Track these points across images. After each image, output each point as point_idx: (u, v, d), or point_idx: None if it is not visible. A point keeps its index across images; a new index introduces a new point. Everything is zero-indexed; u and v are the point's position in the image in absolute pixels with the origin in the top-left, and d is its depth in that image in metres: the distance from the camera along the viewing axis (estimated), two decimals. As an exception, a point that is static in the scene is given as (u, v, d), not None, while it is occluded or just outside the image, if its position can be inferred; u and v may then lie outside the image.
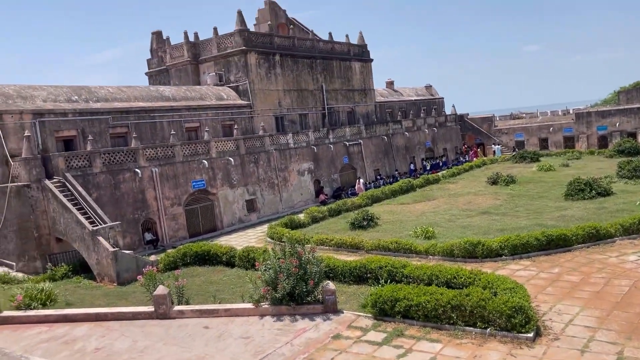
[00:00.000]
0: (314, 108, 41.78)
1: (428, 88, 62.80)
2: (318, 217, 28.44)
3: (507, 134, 56.95)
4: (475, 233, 21.29)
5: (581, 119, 52.43)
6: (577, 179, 28.06)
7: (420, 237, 21.53)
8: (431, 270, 14.93)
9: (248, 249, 20.02)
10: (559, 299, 13.57)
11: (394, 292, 13.12)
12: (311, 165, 36.75)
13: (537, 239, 17.80)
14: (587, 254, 17.32)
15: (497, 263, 17.38)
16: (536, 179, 35.91)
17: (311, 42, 42.62)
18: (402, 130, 48.05)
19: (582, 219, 21.69)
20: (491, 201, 29.06)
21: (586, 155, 47.94)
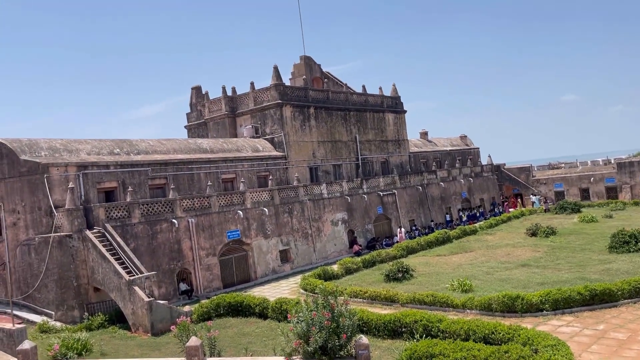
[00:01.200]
0: (347, 159, 42.15)
1: (463, 138, 62.61)
2: (352, 268, 28.15)
3: (545, 184, 55.77)
4: (514, 286, 20.63)
5: (623, 169, 50.99)
6: (621, 231, 27.05)
7: (457, 291, 20.99)
8: (468, 325, 14.48)
9: (281, 301, 19.90)
10: (604, 358, 12.86)
11: (430, 348, 12.72)
12: (345, 215, 36.71)
13: (580, 293, 17.10)
14: (635, 310, 16.48)
15: (537, 318, 16.70)
16: (578, 230, 34.80)
17: (345, 94, 43.51)
18: (437, 181, 47.73)
19: (628, 273, 20.78)
20: (531, 253, 28.22)
21: (630, 206, 46.32)
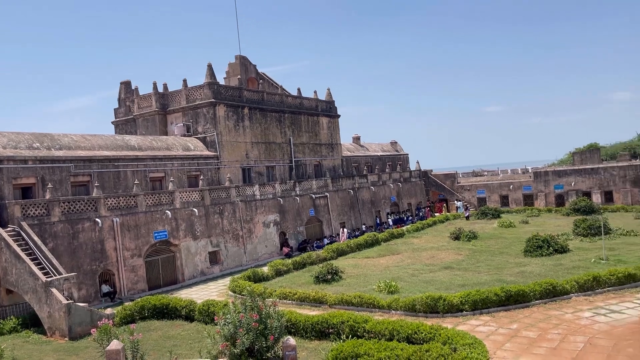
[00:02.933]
0: (281, 160, 42.17)
1: (393, 144, 64.37)
2: (282, 270, 28.19)
3: (469, 190, 58.40)
4: (437, 288, 21.44)
5: (539, 178, 54.38)
6: (535, 236, 28.82)
7: (383, 292, 21.54)
8: (393, 325, 14.92)
9: (208, 303, 19.60)
10: (517, 355, 13.68)
11: (355, 348, 13.00)
12: (277, 217, 36.70)
13: (496, 294, 18.06)
14: (545, 310, 17.63)
15: (458, 318, 17.47)
16: (497, 235, 36.71)
17: (280, 96, 43.54)
18: (368, 185, 48.77)
19: (540, 275, 22.19)
20: (453, 256, 29.45)
21: (544, 212, 49.45)
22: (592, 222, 32.89)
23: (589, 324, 15.85)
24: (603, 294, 19.05)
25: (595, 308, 17.42)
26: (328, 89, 50.82)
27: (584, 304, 17.98)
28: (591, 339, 14.44)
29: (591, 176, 51.69)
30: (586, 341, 14.31)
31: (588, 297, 18.73)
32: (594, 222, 32.71)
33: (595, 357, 13.11)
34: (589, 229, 32.51)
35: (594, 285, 19.27)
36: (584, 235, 32.28)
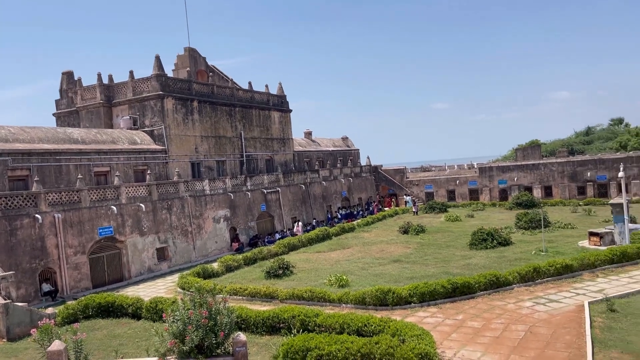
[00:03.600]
0: (232, 155, 41.67)
1: (344, 139, 64.86)
2: (233, 266, 27.91)
3: (417, 185, 59.67)
4: (386, 281, 21.82)
5: (484, 173, 56.22)
6: (480, 230, 29.81)
7: (334, 286, 21.72)
8: (343, 318, 15.06)
9: (156, 300, 19.16)
10: (462, 345, 14.11)
11: (306, 342, 13.03)
12: (227, 212, 36.26)
13: (443, 286, 18.55)
14: (489, 301, 18.27)
15: (406, 310, 17.84)
16: (444, 228, 37.72)
17: (230, 90, 42.96)
18: (320, 180, 48.94)
19: (484, 267, 22.96)
20: (402, 250, 30.04)
21: (489, 207, 51.20)
22: (533, 216, 34.32)
23: (529, 313, 16.55)
24: (543, 284, 19.94)
25: (535, 298, 18.19)
26: (279, 83, 50.59)
27: (525, 294, 18.75)
28: (532, 328, 15.08)
29: (532, 172, 53.92)
30: (527, 330, 14.94)
31: (529, 288, 19.55)
32: (535, 215, 34.16)
33: (535, 345, 13.70)
34: (530, 222, 33.92)
35: (535, 276, 20.13)
36: (526, 229, 33.67)
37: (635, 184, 48.73)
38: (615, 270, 21.18)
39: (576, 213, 41.41)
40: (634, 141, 70.28)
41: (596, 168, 50.87)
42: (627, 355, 12.56)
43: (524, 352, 13.24)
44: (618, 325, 14.76)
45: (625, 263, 21.89)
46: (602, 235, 26.26)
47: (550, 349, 13.35)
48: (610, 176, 49.57)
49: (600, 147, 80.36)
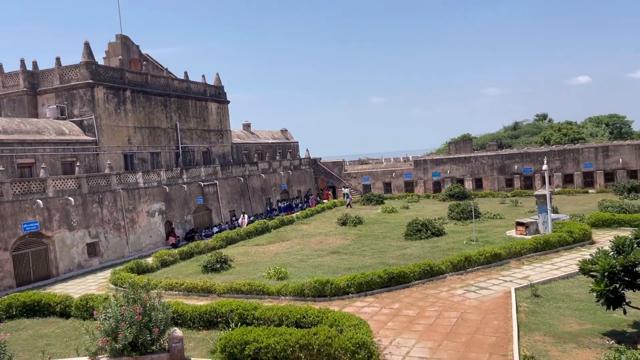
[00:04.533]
0: (167, 147, 40.53)
1: (284, 132, 64.69)
2: (168, 260, 27.26)
3: (355, 177, 60.55)
4: (325, 272, 22.04)
5: (419, 166, 57.85)
6: (415, 220, 30.68)
7: (273, 278, 21.70)
8: (282, 310, 15.09)
9: (87, 297, 18.41)
10: (398, 333, 14.51)
11: (244, 335, 12.96)
12: (162, 205, 35.28)
13: (380, 276, 18.97)
14: (423, 290, 18.88)
15: (344, 301, 18.11)
16: (381, 220, 38.52)
17: (165, 79, 41.70)
18: (258, 172, 48.59)
19: (419, 257, 23.68)
20: (340, 241, 30.43)
21: (423, 198, 52.80)
22: (464, 207, 35.71)
23: (461, 300, 17.25)
24: (473, 272, 20.82)
25: (466, 286, 18.97)
26: (217, 74, 49.67)
27: (457, 283, 19.52)
28: (463, 314, 15.72)
29: (464, 164, 56.03)
30: (459, 316, 15.56)
31: (461, 276, 20.36)
32: (466, 206, 35.56)
33: (466, 331, 14.30)
34: (461, 213, 35.28)
35: (466, 265, 20.98)
36: (458, 219, 34.99)
37: (557, 177, 51.78)
38: (539, 258, 22.46)
39: (504, 204, 43.47)
40: (556, 136, 74.56)
41: (522, 161, 53.59)
42: (549, 337, 13.36)
43: (456, 338, 13.79)
44: (541, 310, 15.67)
45: (548, 251, 23.26)
46: (528, 225, 27.72)
47: (479, 334, 13.99)
48: (535, 169, 52.38)
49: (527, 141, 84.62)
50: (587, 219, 29.21)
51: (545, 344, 12.95)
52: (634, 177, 48.98)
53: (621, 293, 12.71)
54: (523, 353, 12.07)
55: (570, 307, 15.80)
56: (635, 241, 13.02)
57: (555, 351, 12.44)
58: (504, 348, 12.82)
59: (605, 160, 51.00)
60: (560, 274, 19.64)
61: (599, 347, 12.46)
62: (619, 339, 12.85)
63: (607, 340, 12.91)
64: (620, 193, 43.29)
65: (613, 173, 50.48)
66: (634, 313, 13.41)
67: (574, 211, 34.26)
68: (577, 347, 12.59)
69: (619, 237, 13.23)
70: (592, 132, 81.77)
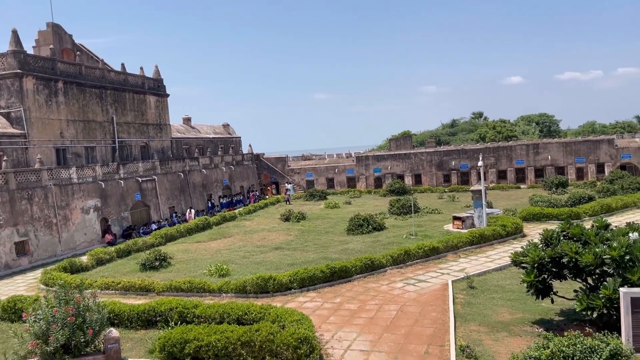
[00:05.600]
0: (102, 141, 39.00)
1: (226, 127, 63.77)
2: (104, 259, 26.29)
3: (299, 173, 60.63)
4: (267, 268, 21.96)
5: (361, 162, 58.67)
6: (357, 216, 31.09)
7: (214, 276, 21.39)
8: (223, 308, 14.88)
9: (15, 299, 17.44)
10: (340, 327, 14.67)
11: (184, 334, 12.69)
12: (98, 202, 33.93)
13: (322, 271, 19.10)
14: (364, 283, 19.18)
15: (287, 296, 18.11)
16: (324, 215, 38.78)
17: (101, 71, 40.08)
18: (200, 168, 47.66)
19: (360, 252, 24.02)
20: (283, 237, 30.39)
21: (365, 194, 53.62)
22: (404, 202, 36.57)
23: (400, 293, 17.65)
24: (413, 265, 21.37)
25: (406, 279, 19.45)
26: (156, 66, 48.25)
27: (397, 276, 19.96)
28: (403, 307, 16.10)
29: (404, 161, 57.35)
30: (398, 309, 15.92)
31: (400, 270, 20.84)
32: (406, 202, 36.42)
33: (405, 323, 14.66)
34: (401, 208, 36.10)
35: (405, 259, 21.50)
36: (398, 214, 35.79)
37: (492, 173, 53.97)
38: (475, 251, 23.35)
39: (442, 199, 44.86)
40: (491, 133, 77.69)
41: (459, 158, 55.47)
42: (483, 327, 13.92)
43: (395, 330, 14.11)
44: (476, 301, 16.30)
45: (482, 244, 24.22)
46: (464, 219, 28.74)
47: (418, 325, 14.37)
48: (472, 165, 54.37)
49: (463, 138, 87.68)
50: (519, 213, 30.62)
51: (479, 333, 13.49)
52: (561, 173, 51.87)
53: (549, 283, 13.44)
54: (459, 343, 12.52)
55: (503, 297, 16.53)
56: (562, 234, 13.77)
57: (488, 340, 12.98)
58: (441, 338, 13.24)
59: (535, 157, 53.66)
60: (494, 266, 20.50)
61: (528, 335, 13.10)
62: (547, 326, 13.57)
63: (536, 328, 13.60)
64: (549, 188, 45.70)
65: (543, 169, 53.23)
66: (560, 302, 14.20)
67: (507, 206, 35.84)
68: (509, 336, 13.19)
69: (547, 230, 13.95)
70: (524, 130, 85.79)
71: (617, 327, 10.91)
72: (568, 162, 52.82)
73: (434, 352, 12.48)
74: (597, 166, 52.15)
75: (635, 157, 51.64)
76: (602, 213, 30.21)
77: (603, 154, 52.23)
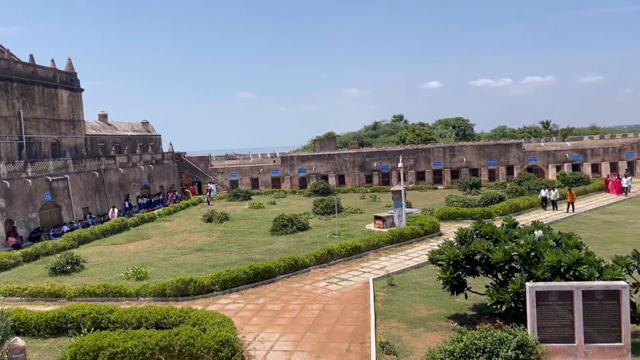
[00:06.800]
0: (7, 137, 36.26)
1: (145, 124, 61.46)
2: (8, 263, 24.49)
3: (222, 173, 59.64)
4: (188, 271, 21.40)
5: (286, 162, 58.72)
6: (281, 216, 31.07)
7: (131, 279, 20.56)
8: (141, 312, 14.32)
9: None
10: (262, 328, 14.57)
11: (98, 341, 12.04)
12: (2, 202, 31.47)
13: (245, 272, 18.89)
14: (288, 284, 19.18)
15: (208, 299, 17.73)
16: (247, 216, 38.41)
17: (7, 62, 37.25)
18: (116, 166, 45.55)
19: (284, 252, 24.02)
20: (206, 238, 29.76)
21: (290, 194, 53.72)
22: (328, 202, 37.01)
23: (323, 292, 17.83)
24: (335, 264, 21.66)
25: (329, 278, 19.67)
26: (69, 59, 45.55)
27: (320, 275, 20.15)
28: (325, 306, 16.27)
29: (328, 161, 58.07)
30: (321, 308, 16.07)
31: (324, 269, 21.05)
32: (330, 202, 36.88)
33: (328, 322, 14.81)
34: (325, 208, 36.52)
35: (329, 258, 21.75)
36: (322, 214, 36.16)
37: (411, 174, 55.91)
38: (395, 250, 24.07)
39: (364, 199, 45.88)
40: (410, 136, 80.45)
41: (381, 159, 57.01)
42: (402, 324, 14.36)
43: (318, 329, 14.22)
44: (396, 298, 16.79)
45: (402, 243, 25.02)
46: (385, 218, 29.54)
47: (340, 324, 14.58)
48: (392, 166, 56.01)
49: (385, 140, 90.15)
50: (436, 213, 31.94)
51: (399, 329, 13.90)
52: (475, 175, 54.72)
53: (463, 279, 14.11)
54: (379, 340, 12.83)
55: (421, 294, 17.15)
56: (475, 232, 14.50)
57: (407, 336, 13.41)
58: (362, 336, 13.51)
59: (451, 160, 56.23)
60: (413, 263, 21.23)
61: (444, 330, 13.68)
62: (461, 321, 14.24)
63: (452, 323, 14.23)
64: (464, 189, 48.07)
65: (458, 171, 55.88)
66: (473, 297, 14.95)
67: (425, 206, 37.27)
68: (426, 331, 13.70)
69: (461, 229, 14.64)
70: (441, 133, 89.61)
71: (524, 320, 11.64)
72: (481, 164, 55.81)
73: (355, 349, 12.71)
74: (507, 168, 55.54)
75: (541, 160, 55.56)
76: (511, 212, 32.23)
77: (512, 157, 55.70)
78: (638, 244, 22.10)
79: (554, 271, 12.14)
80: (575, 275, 11.92)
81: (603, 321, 11.03)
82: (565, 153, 55.32)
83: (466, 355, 10.63)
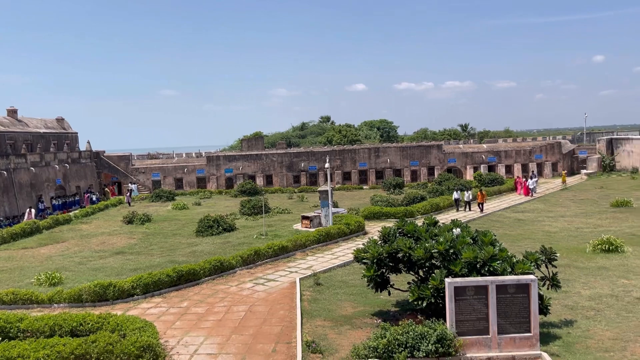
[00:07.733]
0: None
1: (60, 121, 58.05)
2: None
3: (144, 173, 57.54)
4: (107, 275, 20.48)
5: (212, 162, 57.63)
6: (207, 217, 30.46)
7: (44, 285, 19.36)
8: (54, 320, 13.50)
9: None
10: (186, 332, 14.20)
11: (6, 352, 11.24)
12: None
13: (168, 275, 18.33)
14: (213, 286, 18.83)
15: (129, 304, 17.04)
16: (171, 217, 37.32)
17: None
18: (28, 165, 42.68)
19: (209, 254, 23.56)
20: (126, 241, 28.60)
21: (216, 194, 52.78)
22: (255, 203, 36.73)
23: (250, 293, 17.66)
24: (262, 265, 21.53)
25: (255, 279, 19.51)
26: (-27, 49, 42.17)
27: (246, 276, 19.94)
28: (251, 307, 16.12)
29: (256, 161, 57.65)
30: (247, 309, 15.90)
31: (250, 270, 20.86)
32: (257, 202, 36.62)
33: (254, 323, 14.69)
34: (253, 208, 36.22)
35: (255, 259, 21.58)
36: (249, 215, 35.83)
37: (338, 174, 56.70)
38: (322, 249, 24.30)
39: (292, 199, 45.97)
40: (337, 137, 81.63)
41: (308, 159, 57.37)
42: (328, 322, 14.52)
43: (244, 331, 14.06)
44: (322, 297, 16.95)
45: (328, 242, 25.31)
46: (312, 218, 29.76)
47: (266, 325, 14.50)
48: (319, 167, 56.53)
49: (312, 141, 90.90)
50: (362, 212, 32.60)
51: (324, 328, 14.04)
52: (398, 175, 56.42)
53: (387, 277, 14.50)
54: (305, 339, 12.89)
55: (347, 292, 17.43)
56: (398, 231, 14.94)
57: (333, 334, 13.57)
58: (289, 336, 13.52)
59: (376, 160, 57.64)
60: (339, 262, 21.54)
61: (368, 327, 13.97)
62: (385, 317, 14.62)
63: (376, 319, 14.57)
64: (388, 189, 49.41)
65: (383, 171, 57.38)
66: (396, 294, 15.39)
67: (351, 205, 37.94)
68: (351, 329, 13.93)
69: (385, 228, 15.03)
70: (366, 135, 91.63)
71: (444, 314, 12.13)
72: (404, 165, 57.64)
73: (281, 349, 12.69)
74: (429, 169, 57.74)
75: (459, 161, 58.22)
76: (432, 211, 33.53)
77: (433, 158, 57.98)
78: (546, 240, 23.76)
79: (471, 267, 12.76)
80: (490, 270, 12.59)
81: (514, 313, 11.72)
82: (482, 155, 58.34)
83: (389, 351, 10.93)
